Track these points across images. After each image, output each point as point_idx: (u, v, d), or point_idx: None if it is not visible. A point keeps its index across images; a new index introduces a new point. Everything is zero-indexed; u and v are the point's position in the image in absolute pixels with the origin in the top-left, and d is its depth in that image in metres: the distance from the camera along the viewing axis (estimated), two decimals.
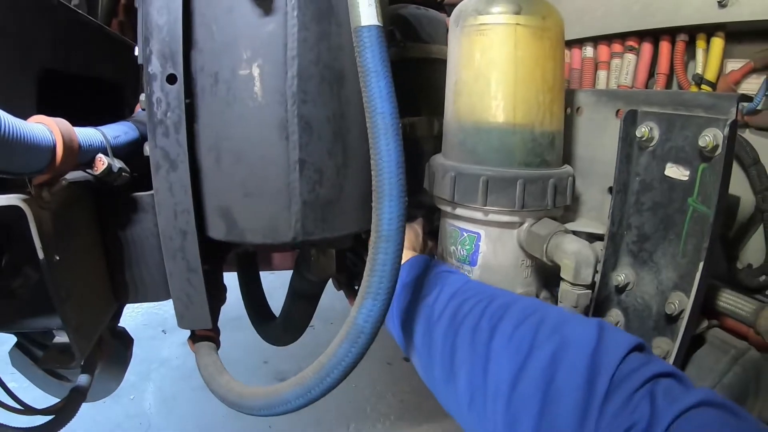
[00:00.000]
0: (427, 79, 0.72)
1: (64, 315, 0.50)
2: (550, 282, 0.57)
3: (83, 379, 0.66)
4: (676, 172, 0.53)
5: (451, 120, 0.57)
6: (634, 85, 0.76)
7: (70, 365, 0.56)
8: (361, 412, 1.41)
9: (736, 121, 0.48)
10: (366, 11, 0.44)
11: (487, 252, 0.54)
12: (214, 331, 0.62)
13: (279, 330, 0.85)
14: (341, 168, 0.52)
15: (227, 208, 0.53)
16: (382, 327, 0.44)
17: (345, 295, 0.85)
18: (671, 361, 0.53)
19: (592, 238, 0.59)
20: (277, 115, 0.49)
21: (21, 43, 0.50)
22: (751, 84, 0.73)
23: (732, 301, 0.62)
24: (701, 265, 0.49)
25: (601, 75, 0.79)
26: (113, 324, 0.75)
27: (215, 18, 0.50)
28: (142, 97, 0.53)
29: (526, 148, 0.53)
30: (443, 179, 0.54)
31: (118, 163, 0.52)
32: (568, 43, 0.84)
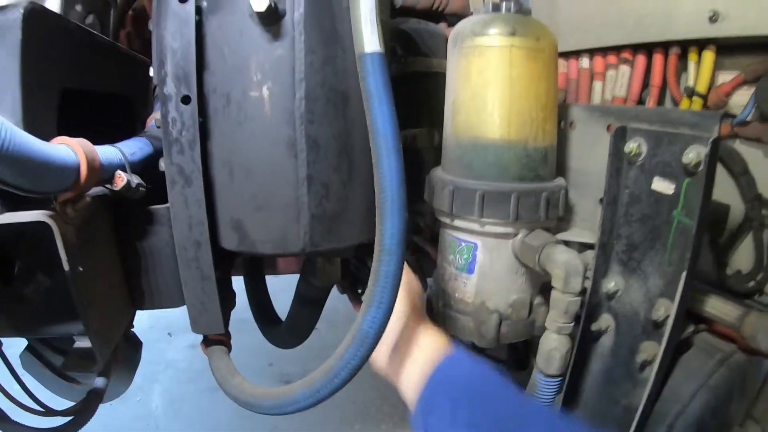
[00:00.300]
0: (427, 92, 0.77)
1: (87, 322, 0.54)
2: (544, 288, 0.62)
3: (100, 382, 0.71)
4: (662, 185, 0.57)
5: (450, 136, 0.61)
6: (628, 96, 0.80)
7: (91, 369, 0.61)
8: (365, 413, 1.46)
9: (718, 139, 0.52)
10: (369, 39, 0.48)
11: (484, 261, 0.59)
12: (225, 335, 0.67)
13: (285, 333, 0.90)
14: (346, 183, 0.56)
15: (239, 220, 0.57)
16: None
17: (348, 299, 0.89)
18: (657, 364, 0.57)
19: (584, 247, 0.63)
20: (287, 135, 0.54)
21: (44, 68, 0.54)
22: (742, 96, 0.77)
23: (719, 307, 0.66)
24: (684, 274, 0.54)
25: (597, 86, 0.83)
26: (127, 329, 0.80)
27: (227, 42, 0.55)
28: (158, 115, 0.57)
29: (520, 163, 0.57)
30: (442, 192, 0.58)
31: (135, 179, 0.57)
32: (566, 54, 0.89)
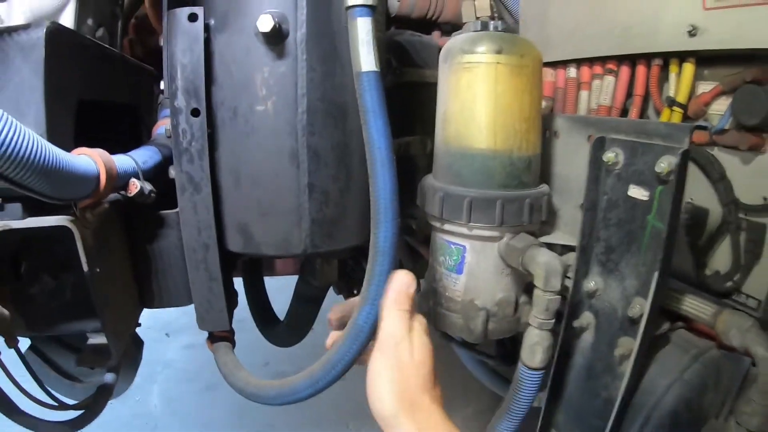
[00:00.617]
0: (421, 101, 0.83)
1: (103, 319, 0.60)
2: (529, 287, 0.68)
3: (110, 377, 0.77)
4: (637, 192, 0.63)
5: (440, 145, 0.67)
6: (612, 104, 0.87)
7: (105, 364, 0.67)
8: (360, 411, 1.52)
9: (688, 150, 0.59)
10: (366, 59, 0.54)
11: (472, 262, 0.65)
12: (229, 332, 0.73)
13: (284, 332, 0.96)
14: (344, 190, 0.63)
15: (245, 224, 0.63)
16: None
17: (344, 299, 0.96)
18: (633, 358, 0.63)
19: (566, 249, 0.69)
20: (289, 146, 0.60)
21: (63, 82, 0.60)
22: (720, 105, 0.83)
23: (695, 306, 0.72)
24: (656, 275, 0.60)
25: (583, 95, 0.89)
26: (134, 327, 0.86)
27: (234, 59, 0.61)
28: (165, 123, 0.63)
29: (505, 172, 0.63)
30: (433, 198, 0.64)
31: (148, 186, 0.63)
32: (555, 64, 0.95)
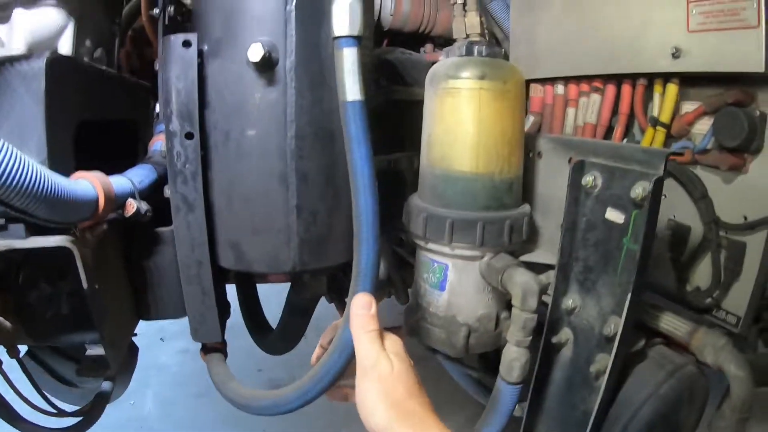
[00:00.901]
0: (410, 118, 0.87)
1: (102, 332, 0.65)
2: (510, 304, 0.73)
3: (107, 385, 0.82)
4: (614, 215, 0.67)
5: (425, 167, 0.72)
6: (598, 122, 0.91)
7: (104, 374, 0.72)
8: (352, 418, 1.57)
9: (662, 177, 0.62)
10: (351, 88, 0.59)
11: (454, 280, 0.70)
12: (222, 343, 0.78)
13: (276, 340, 1.01)
14: (332, 210, 0.67)
15: (237, 242, 0.68)
16: None
17: (335, 308, 1.01)
18: (607, 373, 0.68)
19: (547, 267, 0.74)
20: (279, 169, 0.64)
21: (63, 108, 0.65)
22: (704, 125, 0.88)
23: (672, 323, 0.77)
24: (629, 296, 0.65)
25: (570, 112, 0.94)
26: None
27: (226, 85, 0.65)
28: (160, 138, 0.68)
29: (487, 194, 0.68)
30: (417, 219, 0.69)
31: (144, 206, 0.68)
32: (543, 81, 0.99)
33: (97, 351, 0.71)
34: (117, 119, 0.82)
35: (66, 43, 0.73)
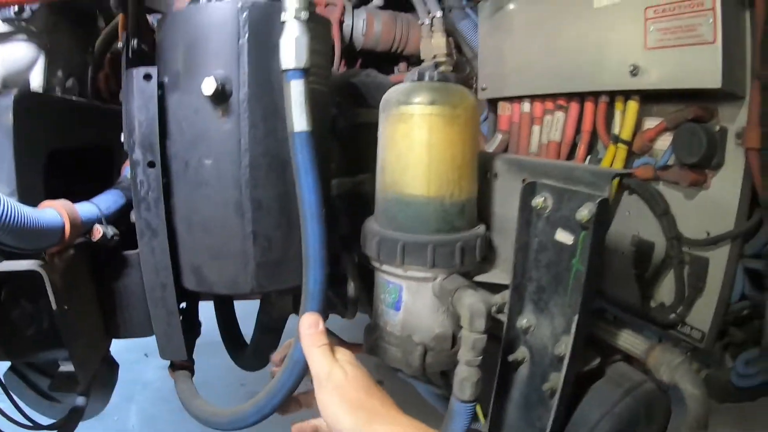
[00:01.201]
0: (374, 140, 0.92)
1: (71, 351, 0.71)
2: None
3: (80, 400, 0.87)
4: (564, 236, 0.71)
5: (379, 191, 0.77)
6: (563, 139, 0.95)
7: (75, 390, 0.78)
8: None
9: (607, 199, 0.66)
10: (298, 119, 0.63)
11: (408, 300, 0.74)
12: (189, 361, 0.83)
13: (250, 357, 1.06)
14: (286, 235, 0.72)
15: (198, 266, 0.73)
16: None
17: None
18: (558, 393, 0.72)
19: (502, 287, 0.78)
20: (234, 197, 0.70)
21: (33, 140, 0.71)
22: (665, 141, 0.91)
23: (629, 341, 0.80)
24: (576, 318, 0.68)
25: (536, 129, 0.98)
26: (104, 354, 0.97)
27: (185, 117, 0.71)
28: (129, 173, 0.73)
29: (438, 217, 0.72)
30: (371, 241, 0.74)
31: (111, 230, 0.74)
32: (510, 99, 1.03)
33: (68, 367, 0.77)
34: (90, 146, 0.88)
35: (37, 76, 0.79)
